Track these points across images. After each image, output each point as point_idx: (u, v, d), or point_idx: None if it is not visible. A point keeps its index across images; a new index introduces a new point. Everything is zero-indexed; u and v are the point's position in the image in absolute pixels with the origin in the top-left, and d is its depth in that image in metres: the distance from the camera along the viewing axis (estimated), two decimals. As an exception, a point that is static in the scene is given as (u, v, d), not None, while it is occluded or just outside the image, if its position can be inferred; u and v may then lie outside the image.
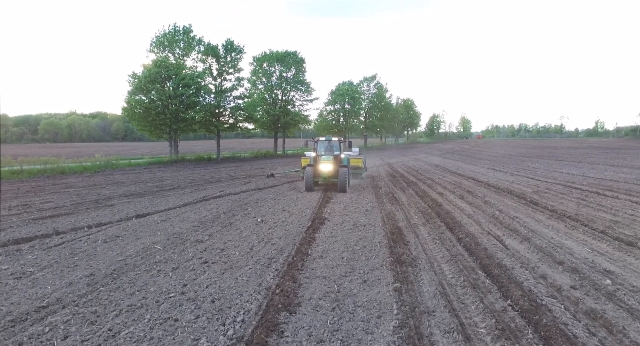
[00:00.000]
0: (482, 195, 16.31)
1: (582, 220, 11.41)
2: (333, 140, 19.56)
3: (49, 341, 4.94)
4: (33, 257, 8.32)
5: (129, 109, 36.81)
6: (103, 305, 6.02)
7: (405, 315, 5.74)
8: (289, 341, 5.05)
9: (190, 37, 40.94)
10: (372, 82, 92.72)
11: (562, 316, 5.72)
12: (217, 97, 42.28)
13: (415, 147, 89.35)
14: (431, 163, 37.28)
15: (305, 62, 56.48)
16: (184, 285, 6.83)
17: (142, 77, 35.94)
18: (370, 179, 23.86)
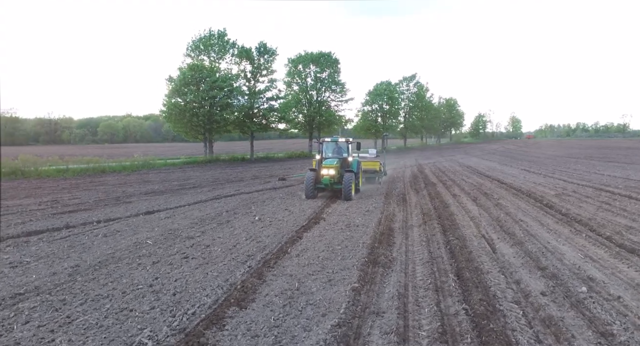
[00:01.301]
0: (497, 197, 15.72)
1: (592, 225, 10.75)
2: (340, 141, 17.47)
3: (10, 325, 5.39)
4: (35, 248, 9.04)
5: (166, 111, 38.59)
6: (73, 293, 6.47)
7: (352, 314, 5.73)
8: (225, 334, 5.22)
9: (225, 40, 42.27)
10: (412, 82, 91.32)
11: (515, 322, 5.50)
12: (250, 99, 43.35)
13: (456, 148, 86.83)
14: (464, 164, 36.17)
15: (340, 63, 56.67)
16: (155, 278, 7.18)
17: (177, 80, 37.55)
18: (390, 180, 23.54)
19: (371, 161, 20.32)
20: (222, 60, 42.82)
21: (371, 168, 19.82)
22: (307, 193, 15.81)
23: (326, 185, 15.81)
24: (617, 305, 6.03)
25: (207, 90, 37.73)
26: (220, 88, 38.37)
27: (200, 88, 38.09)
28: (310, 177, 15.88)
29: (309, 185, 15.69)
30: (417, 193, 17.48)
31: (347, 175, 15.67)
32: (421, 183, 21.15)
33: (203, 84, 38.03)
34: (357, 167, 16.89)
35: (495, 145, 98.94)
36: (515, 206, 13.87)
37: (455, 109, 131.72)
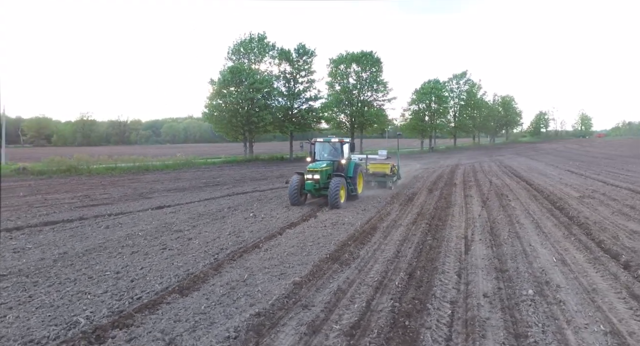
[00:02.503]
0: (511, 198, 15.11)
1: (592, 228, 10.15)
2: (333, 141, 15.54)
3: (4, 305, 6.14)
4: (42, 237, 10.10)
5: (207, 112, 40.47)
6: (47, 277, 7.26)
7: (279, 306, 5.96)
8: (153, 317, 5.65)
9: (264, 43, 43.49)
10: (462, 79, 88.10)
11: (434, 321, 5.49)
12: (288, 99, 44.28)
13: (511, 147, 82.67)
14: (505, 165, 34.52)
15: (382, 62, 56.10)
16: (125, 266, 7.82)
17: (218, 82, 39.26)
18: (413, 180, 23.12)
19: (380, 163, 18.70)
20: (261, 62, 44.11)
21: (380, 172, 18.21)
22: (291, 200, 14.11)
23: (309, 191, 14.11)
24: (554, 309, 5.79)
25: (246, 92, 39.05)
26: (259, 90, 39.55)
27: (240, 89, 39.51)
28: (295, 181, 14.22)
29: (292, 190, 14.06)
30: (430, 193, 17.12)
31: (334, 180, 13.70)
32: (441, 183, 20.62)
33: (242, 85, 39.41)
34: (353, 170, 15.16)
35: (555, 144, 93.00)
36: (524, 208, 13.26)
37: (511, 107, 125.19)
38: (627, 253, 8.09)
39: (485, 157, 50.58)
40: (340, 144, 15.37)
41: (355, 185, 15.19)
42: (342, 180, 13.99)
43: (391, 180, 18.28)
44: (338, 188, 13.46)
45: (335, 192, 13.36)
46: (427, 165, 35.78)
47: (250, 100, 39.45)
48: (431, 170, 29.97)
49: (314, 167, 14.05)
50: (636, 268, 7.21)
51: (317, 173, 13.86)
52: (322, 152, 15.67)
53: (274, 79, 43.49)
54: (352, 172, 15.12)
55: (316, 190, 14.05)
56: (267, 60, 44.17)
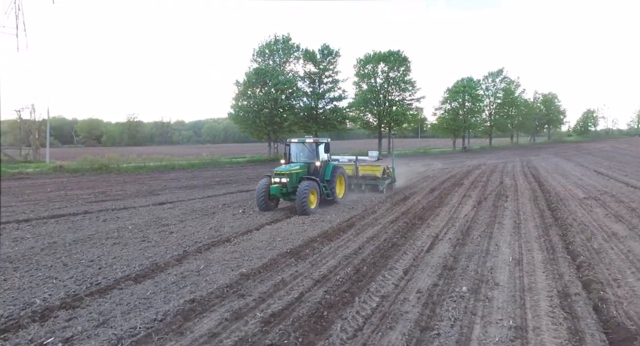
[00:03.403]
0: (511, 199, 14.97)
1: (571, 230, 10.03)
2: (308, 142, 14.46)
3: None
4: (44, 228, 11.07)
5: (233, 113, 41.73)
6: (28, 263, 8.05)
7: (218, 294, 6.39)
8: (100, 301, 6.23)
9: (289, 44, 44.26)
10: (498, 77, 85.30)
11: (352, 314, 5.72)
12: (312, 99, 44.83)
13: (552, 147, 79.19)
14: (530, 165, 33.32)
15: (409, 61, 55.50)
16: (100, 255, 8.52)
17: (243, 83, 40.41)
18: (421, 179, 22.93)
19: (370, 165, 17.46)
20: (286, 64, 44.88)
21: (370, 174, 17.09)
22: (258, 205, 13.12)
23: (274, 195, 13.05)
24: (478, 305, 5.94)
25: (270, 92, 39.98)
26: (282, 91, 40.36)
27: (264, 90, 40.47)
28: (262, 185, 13.20)
29: (259, 195, 13.05)
30: (430, 193, 17.01)
31: (303, 184, 12.68)
32: (448, 183, 20.35)
33: (266, 86, 40.36)
34: (331, 173, 14.13)
35: (602, 144, 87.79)
36: (516, 209, 13.03)
37: (554, 105, 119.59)
38: (588, 254, 7.95)
39: (517, 157, 48.81)
40: (316, 145, 14.25)
41: (333, 189, 14.10)
42: (312, 184, 12.96)
43: (383, 184, 17.07)
44: (306, 193, 12.43)
45: (302, 197, 12.34)
46: (449, 165, 35.14)
47: (273, 100, 40.33)
48: (449, 170, 29.49)
49: (282, 169, 13.21)
50: (586, 268, 7.10)
51: (284, 176, 12.91)
52: (297, 153, 14.64)
53: (299, 79, 44.24)
54: (329, 175, 14.10)
55: (283, 194, 13.07)
56: (292, 61, 44.94)
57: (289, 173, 13.04)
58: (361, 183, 17.14)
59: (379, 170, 17.16)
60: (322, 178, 13.98)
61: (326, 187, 13.94)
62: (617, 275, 6.94)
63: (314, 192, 13.03)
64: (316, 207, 13.14)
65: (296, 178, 13.27)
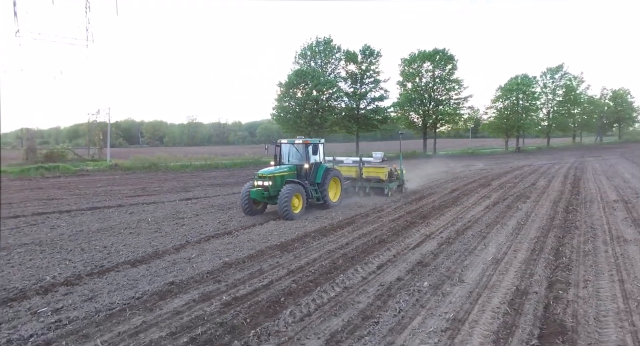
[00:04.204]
0: (532, 201, 14.56)
1: (573, 232, 9.75)
2: (297, 143, 13.72)
3: (8, 263, 8.18)
4: (79, 219, 12.46)
5: (275, 114, 43.09)
6: (54, 246, 9.25)
7: (196, 279, 7.10)
8: (97, 281, 7.15)
9: (331, 45, 44.85)
10: (557, 73, 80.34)
11: (307, 302, 6.16)
12: (354, 100, 45.11)
13: (621, 147, 73.12)
14: (580, 167, 31.39)
15: (455, 59, 53.97)
16: (113, 243, 9.56)
17: (284, 85, 41.61)
18: (451, 179, 22.53)
19: (374, 167, 16.42)
20: (328, 65, 45.52)
21: (374, 177, 16.14)
22: (243, 208, 12.63)
23: (254, 199, 12.52)
24: (430, 299, 6.16)
25: (310, 93, 40.84)
26: (322, 91, 41.07)
27: (305, 91, 41.42)
28: (247, 188, 12.67)
29: (244, 198, 12.53)
30: (450, 193, 16.82)
31: (285, 188, 12.08)
32: (476, 184, 19.89)
33: (307, 87, 41.27)
34: (323, 175, 13.42)
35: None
36: (530, 211, 12.70)
37: (625, 101, 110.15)
38: (574, 256, 7.84)
39: (574, 158, 45.95)
40: (305, 146, 13.41)
41: (324, 193, 13.38)
42: (296, 187, 12.31)
43: (388, 187, 16.04)
44: (288, 197, 11.76)
45: (284, 201, 11.71)
46: (491, 166, 33.93)
47: (314, 101, 41.13)
48: (486, 171, 28.58)
49: (265, 172, 12.56)
50: (562, 269, 7.04)
51: (267, 179, 12.28)
52: (288, 155, 13.99)
53: (340, 80, 44.72)
54: (320, 178, 13.37)
55: (265, 198, 12.42)
56: (333, 62, 45.49)
57: (272, 176, 12.38)
58: (365, 186, 16.32)
59: (384, 172, 16.08)
60: (313, 181, 13.33)
61: (317, 190, 13.30)
62: (590, 277, 6.81)
63: (298, 196, 12.35)
64: (302, 211, 12.45)
65: (281, 181, 12.56)
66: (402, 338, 4.98)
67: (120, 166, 32.57)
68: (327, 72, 44.78)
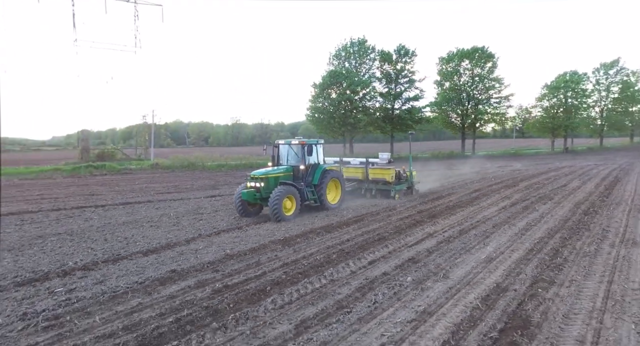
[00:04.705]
0: (554, 202, 14.20)
1: (579, 234, 9.55)
2: (293, 144, 13.48)
3: (42, 250, 9.21)
4: (110, 212, 13.54)
5: (310, 114, 43.76)
6: (82, 236, 10.21)
7: (194, 268, 7.70)
8: (110, 267, 7.93)
9: (365, 46, 44.93)
10: (612, 69, 75.55)
11: (294, 289, 6.57)
12: (388, 100, 44.95)
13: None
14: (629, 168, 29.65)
15: (495, 57, 52.27)
16: (134, 235, 10.39)
17: (319, 85, 42.20)
18: (480, 179, 22.07)
19: (380, 169, 15.85)
20: (362, 65, 45.61)
21: (380, 178, 15.64)
22: (237, 210, 12.42)
23: (247, 201, 12.31)
24: (410, 293, 6.34)
25: (343, 94, 41.18)
26: (356, 92, 41.28)
27: (338, 91, 41.82)
28: (240, 189, 12.61)
29: (237, 199, 12.37)
30: (471, 193, 16.60)
31: (277, 189, 11.87)
32: (502, 185, 19.41)
33: (340, 88, 41.64)
34: (320, 177, 13.16)
35: None
36: (547, 212, 12.45)
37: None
38: (571, 257, 7.76)
39: (626, 158, 43.30)
40: (302, 147, 13.14)
41: (322, 195, 13.15)
42: (288, 189, 12.09)
43: (394, 189, 15.39)
44: (279, 199, 11.57)
45: (274, 203, 11.53)
46: (529, 166, 32.73)
47: (347, 101, 41.43)
48: (521, 171, 27.67)
49: (257, 173, 12.51)
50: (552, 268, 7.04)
51: (260, 180, 12.18)
52: (286, 156, 13.76)
53: (374, 80, 44.74)
54: (317, 180, 13.11)
55: (257, 199, 12.31)
56: (367, 63, 45.54)
57: (265, 178, 12.25)
58: (372, 188, 15.96)
59: (390, 174, 15.46)
60: (310, 183, 13.15)
61: (313, 192, 13.10)
62: (578, 277, 6.77)
63: (291, 198, 12.15)
64: (295, 213, 12.20)
65: (274, 182, 12.40)
66: (367, 327, 5.26)
67: (161, 165, 34.41)
68: (361, 72, 44.89)
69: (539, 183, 19.80)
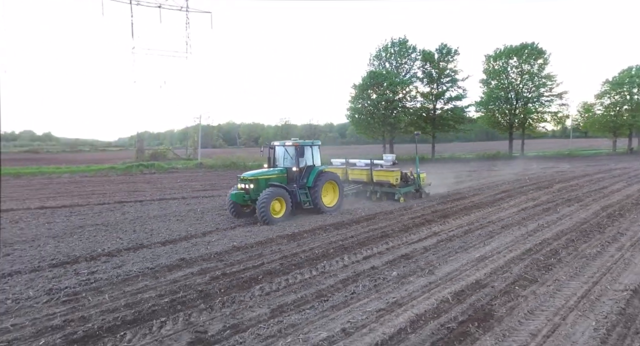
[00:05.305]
0: (581, 205, 13.59)
1: (590, 236, 9.36)
2: (287, 145, 13.31)
3: (79, 238, 10.45)
4: (145, 207, 14.80)
5: (350, 115, 44.13)
6: (115, 227, 11.36)
7: (201, 257, 8.45)
8: (141, 250, 8.87)
9: (406, 46, 44.55)
10: (684, 62, 69.29)
11: (280, 280, 7.13)
12: (429, 100, 44.32)
13: None
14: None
15: (546, 53, 49.77)
16: (159, 227, 11.38)
17: (358, 86, 42.47)
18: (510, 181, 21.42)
19: (384, 171, 15.36)
20: (404, 65, 45.25)
21: (384, 181, 15.21)
22: (229, 211, 12.55)
23: (236, 202, 12.27)
24: (390, 286, 6.69)
25: (383, 94, 41.20)
26: (396, 92, 41.13)
27: (378, 92, 41.89)
28: (235, 190, 12.67)
29: (228, 200, 12.51)
30: (496, 194, 16.28)
31: (265, 191, 11.74)
32: (533, 186, 18.76)
33: (380, 88, 41.68)
34: (314, 179, 12.95)
35: None
36: (566, 214, 12.12)
37: None
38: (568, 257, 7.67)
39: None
40: (295, 148, 12.99)
41: (316, 197, 12.88)
42: (277, 191, 11.95)
43: (399, 192, 14.94)
44: (266, 201, 11.49)
45: (261, 205, 11.44)
46: (578, 167, 31.01)
47: (387, 101, 41.37)
48: (565, 173, 26.35)
49: (248, 175, 12.55)
50: (542, 268, 7.03)
51: (250, 182, 12.20)
52: (281, 157, 13.62)
53: (415, 80, 44.30)
54: (311, 182, 12.91)
55: (246, 201, 12.28)
56: (408, 63, 45.13)
57: (255, 179, 12.26)
58: (377, 191, 15.61)
59: (394, 176, 14.97)
60: (304, 185, 12.99)
61: (307, 195, 12.91)
62: (563, 277, 6.77)
63: (280, 200, 12.02)
64: (284, 216, 12.04)
65: (264, 184, 12.30)
66: (337, 314, 5.69)
67: (205, 164, 36.27)
68: (402, 72, 44.59)
69: (577, 185, 18.95)
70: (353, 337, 4.99)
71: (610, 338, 4.73)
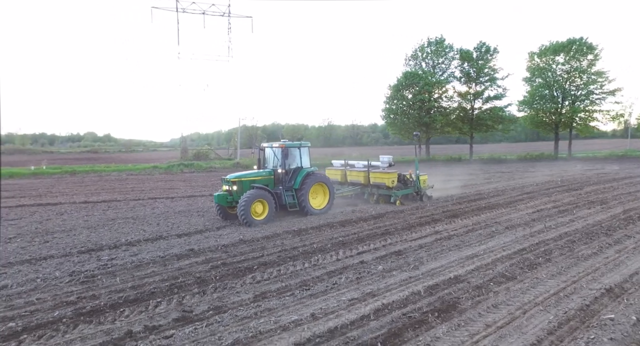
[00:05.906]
0: (602, 207, 13.16)
1: (594, 238, 9.17)
2: (274, 147, 13.25)
3: (109, 229, 11.62)
4: (175, 203, 15.91)
5: (385, 115, 44.08)
6: (142, 221, 12.44)
7: (209, 249, 9.22)
8: (144, 244, 9.81)
9: (443, 45, 43.82)
10: None
11: (270, 271, 7.72)
12: (467, 100, 43.36)
13: None
14: None
15: (597, 48, 47.07)
16: (177, 222, 12.33)
17: (394, 87, 42.36)
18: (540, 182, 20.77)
19: (381, 173, 14.98)
20: (441, 65, 44.54)
21: (380, 183, 14.87)
22: (217, 212, 12.68)
23: (218, 204, 12.33)
24: (373, 279, 7.06)
25: (418, 94, 40.88)
26: (429, 92, 40.68)
27: (413, 92, 41.61)
28: None
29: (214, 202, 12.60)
30: (517, 195, 15.99)
31: (247, 193, 11.77)
32: (560, 188, 18.14)
33: (416, 88, 41.38)
34: (302, 181, 12.84)
35: None
36: (581, 216, 11.81)
37: None
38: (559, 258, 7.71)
39: None
40: (281, 150, 12.92)
41: (302, 199, 12.77)
42: (258, 193, 11.93)
43: (395, 194, 14.53)
44: (247, 203, 11.51)
45: (241, 206, 11.50)
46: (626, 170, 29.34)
47: (421, 102, 40.99)
48: (602, 175, 25.05)
49: (232, 176, 12.61)
50: (525, 267, 7.14)
51: (233, 184, 12.25)
52: (270, 159, 13.54)
53: (453, 79, 43.52)
54: (298, 184, 12.83)
55: (229, 203, 12.31)
56: (445, 62, 44.38)
57: (238, 181, 12.30)
58: (374, 193, 15.29)
59: (390, 178, 14.67)
60: (291, 187, 12.92)
61: (294, 197, 12.83)
62: (543, 275, 6.87)
63: (262, 202, 12.01)
64: (267, 217, 12.03)
65: (248, 185, 12.31)
66: (312, 301, 6.18)
67: (241, 164, 37.66)
68: (438, 72, 43.93)
69: (611, 187, 18.16)
70: (319, 321, 5.45)
71: (560, 331, 4.90)
